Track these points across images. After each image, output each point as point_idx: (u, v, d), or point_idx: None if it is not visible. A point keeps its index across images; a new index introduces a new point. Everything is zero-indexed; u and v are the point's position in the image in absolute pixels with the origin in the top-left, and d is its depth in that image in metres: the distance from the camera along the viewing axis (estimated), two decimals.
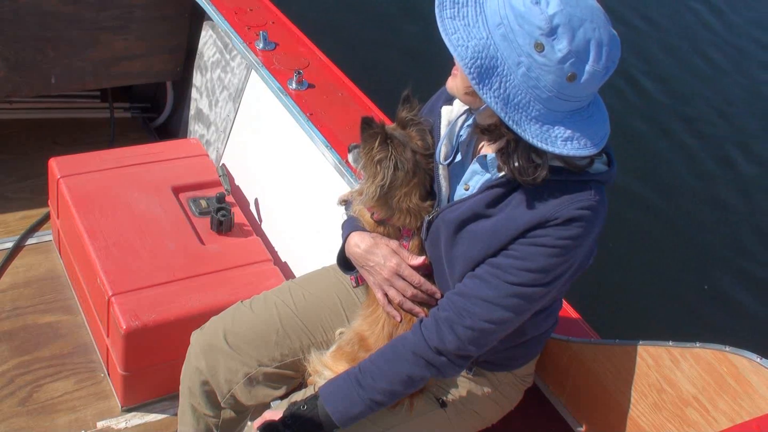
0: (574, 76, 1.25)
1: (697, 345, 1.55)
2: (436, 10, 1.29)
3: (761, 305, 3.95)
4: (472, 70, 1.26)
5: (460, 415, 1.66)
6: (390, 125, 1.60)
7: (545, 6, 1.23)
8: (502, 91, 1.26)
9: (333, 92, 2.49)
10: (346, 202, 1.78)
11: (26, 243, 2.68)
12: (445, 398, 1.65)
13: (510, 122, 1.27)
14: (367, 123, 1.53)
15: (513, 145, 1.35)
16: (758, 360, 1.45)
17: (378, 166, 1.53)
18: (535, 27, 1.23)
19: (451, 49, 1.27)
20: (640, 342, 1.65)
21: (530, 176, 1.34)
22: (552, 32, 1.22)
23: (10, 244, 2.65)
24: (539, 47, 1.23)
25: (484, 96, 1.26)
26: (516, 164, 1.34)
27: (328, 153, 2.26)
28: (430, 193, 1.58)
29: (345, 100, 2.47)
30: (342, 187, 2.21)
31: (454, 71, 1.39)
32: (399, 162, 1.53)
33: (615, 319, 3.60)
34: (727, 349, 1.50)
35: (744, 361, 1.47)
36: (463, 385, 1.66)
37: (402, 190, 1.55)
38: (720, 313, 3.86)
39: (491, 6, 1.27)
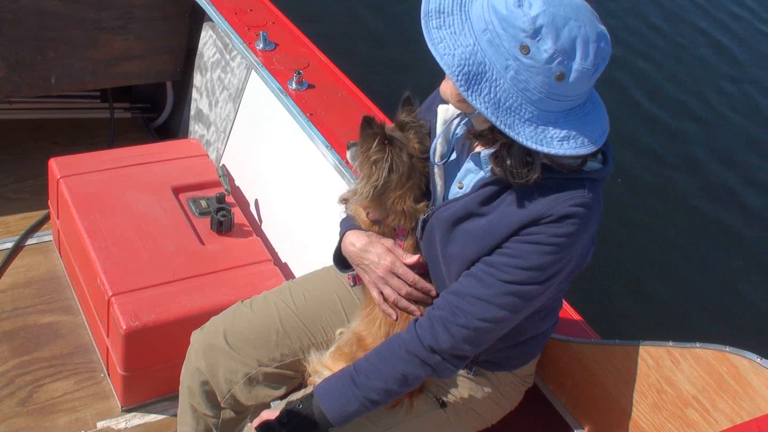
0: (562, 75, 1.25)
1: (697, 345, 1.55)
2: (422, 22, 1.29)
3: (761, 305, 3.95)
4: (459, 77, 1.25)
5: (460, 415, 1.66)
6: (390, 126, 1.60)
7: (528, 8, 1.22)
8: (492, 95, 1.26)
9: (333, 92, 2.49)
10: (346, 201, 1.78)
11: (26, 243, 2.69)
12: (445, 398, 1.65)
13: (502, 126, 1.27)
14: (367, 122, 1.53)
15: (506, 149, 1.35)
16: (758, 360, 1.45)
17: (373, 167, 1.53)
18: (519, 29, 1.23)
19: (438, 58, 1.27)
20: (641, 342, 1.65)
21: (523, 178, 1.34)
22: (536, 33, 1.22)
23: (10, 245, 2.65)
24: (525, 49, 1.23)
25: (474, 102, 1.26)
26: (509, 167, 1.34)
27: (328, 153, 2.26)
28: (425, 194, 1.58)
29: (345, 100, 2.47)
30: (342, 187, 2.21)
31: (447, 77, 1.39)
32: (394, 164, 1.53)
33: (615, 320, 3.61)
34: (727, 349, 1.50)
35: (744, 361, 1.47)
36: (464, 385, 1.66)
37: (396, 192, 1.55)
38: (720, 313, 3.86)
39: (476, 12, 1.27)
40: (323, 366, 1.66)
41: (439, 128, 1.54)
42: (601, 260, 1.62)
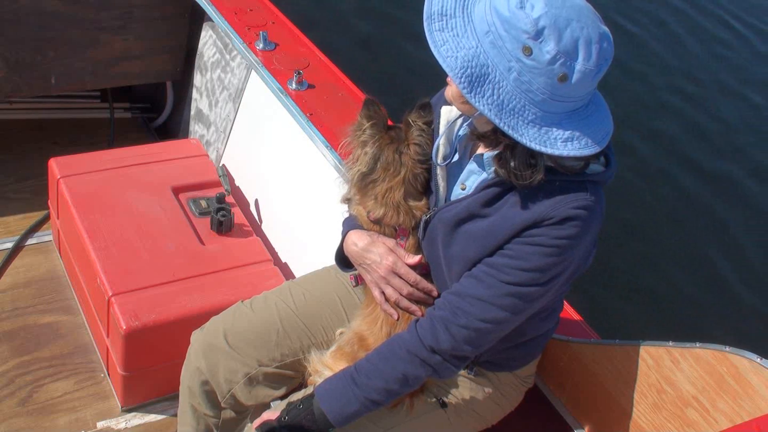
0: (565, 76, 1.25)
1: (697, 345, 1.55)
2: (425, 24, 1.29)
3: (761, 305, 3.95)
4: (462, 79, 1.26)
5: (461, 415, 1.66)
6: (393, 124, 1.60)
7: (530, 9, 1.23)
8: (495, 97, 1.26)
9: (333, 92, 2.49)
10: (348, 201, 1.78)
11: (26, 243, 2.69)
12: (445, 399, 1.65)
13: (506, 128, 1.27)
14: (367, 104, 1.54)
15: (510, 151, 1.35)
16: (758, 360, 1.45)
17: (360, 149, 1.53)
18: (521, 31, 1.23)
19: (441, 61, 1.27)
20: (641, 342, 1.65)
21: (527, 180, 1.34)
22: (538, 35, 1.23)
23: (10, 245, 2.65)
24: (527, 51, 1.23)
25: (477, 104, 1.26)
26: (513, 169, 1.34)
27: (328, 153, 2.26)
28: (422, 194, 1.58)
29: (345, 100, 2.47)
30: (342, 187, 2.21)
31: (449, 79, 1.39)
32: (380, 153, 1.53)
33: (615, 320, 3.61)
34: (727, 349, 1.50)
35: (744, 361, 1.47)
36: (464, 386, 1.66)
37: (386, 184, 1.55)
38: (720, 313, 3.86)
39: (478, 14, 1.27)
40: (324, 366, 1.66)
41: (442, 129, 1.54)
42: (602, 260, 1.62)
